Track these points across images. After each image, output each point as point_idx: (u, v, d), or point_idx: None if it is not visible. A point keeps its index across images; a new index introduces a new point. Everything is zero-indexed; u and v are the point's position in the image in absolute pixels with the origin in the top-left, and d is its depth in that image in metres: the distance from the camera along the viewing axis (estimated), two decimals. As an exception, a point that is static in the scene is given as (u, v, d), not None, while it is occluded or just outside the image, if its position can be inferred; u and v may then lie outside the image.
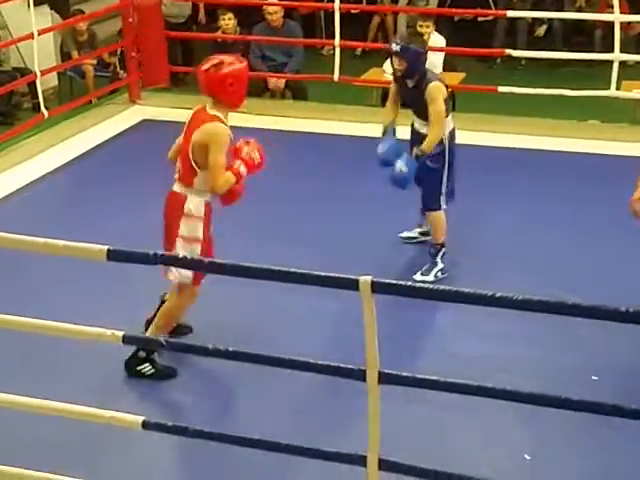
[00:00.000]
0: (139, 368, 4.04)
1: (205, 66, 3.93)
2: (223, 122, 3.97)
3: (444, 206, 4.85)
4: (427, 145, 4.65)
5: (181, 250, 3.94)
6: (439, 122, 4.64)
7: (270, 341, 4.24)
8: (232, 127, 7.06)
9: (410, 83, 4.74)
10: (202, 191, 4.00)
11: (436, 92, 4.63)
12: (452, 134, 4.83)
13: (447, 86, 4.80)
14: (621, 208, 5.63)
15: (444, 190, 4.81)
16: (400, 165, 4.62)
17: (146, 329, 4.12)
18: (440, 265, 4.85)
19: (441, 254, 4.87)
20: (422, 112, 4.73)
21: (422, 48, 4.74)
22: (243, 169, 3.95)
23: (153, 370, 4.03)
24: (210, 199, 4.06)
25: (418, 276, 4.78)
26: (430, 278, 4.78)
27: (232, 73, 3.92)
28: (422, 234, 5.21)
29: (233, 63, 3.96)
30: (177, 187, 4.06)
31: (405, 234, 5.24)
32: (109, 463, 3.57)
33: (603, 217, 5.52)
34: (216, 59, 3.95)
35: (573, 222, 5.48)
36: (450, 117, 4.80)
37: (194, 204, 4.00)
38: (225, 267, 2.79)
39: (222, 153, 3.91)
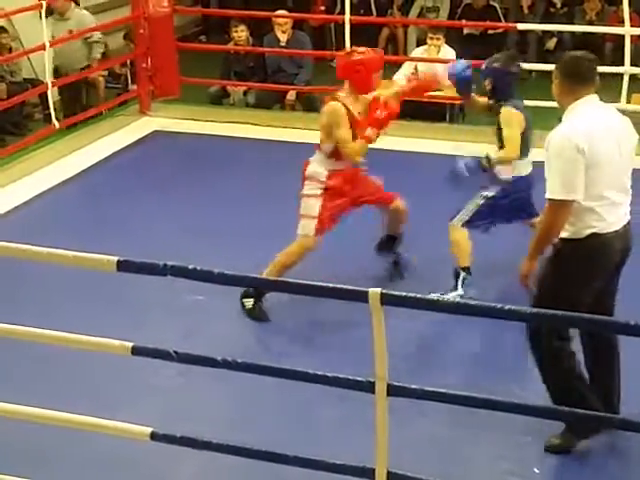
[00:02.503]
0: (244, 300, 4.54)
1: (341, 53, 4.63)
2: (341, 101, 4.48)
3: (461, 224, 4.67)
4: (495, 159, 4.52)
5: (301, 207, 4.61)
6: (511, 144, 4.50)
7: (278, 353, 4.25)
8: (243, 138, 7.08)
9: (492, 103, 4.68)
10: (323, 160, 4.58)
11: (509, 117, 4.53)
12: (519, 183, 4.62)
13: (526, 118, 4.59)
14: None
15: (473, 214, 4.67)
16: (463, 163, 4.48)
17: None
18: (459, 291, 4.66)
19: (461, 279, 4.68)
20: (497, 136, 4.64)
21: (506, 68, 4.58)
22: (370, 132, 4.45)
23: (251, 307, 4.53)
24: (336, 167, 4.58)
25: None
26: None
27: (361, 60, 4.42)
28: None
29: (365, 52, 4.49)
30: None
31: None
32: (118, 477, 3.57)
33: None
34: (352, 49, 4.56)
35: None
36: (525, 162, 4.61)
37: (314, 168, 4.59)
38: (233, 278, 2.80)
39: (342, 127, 4.45)
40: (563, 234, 3.38)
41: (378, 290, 2.59)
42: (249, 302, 4.55)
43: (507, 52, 4.62)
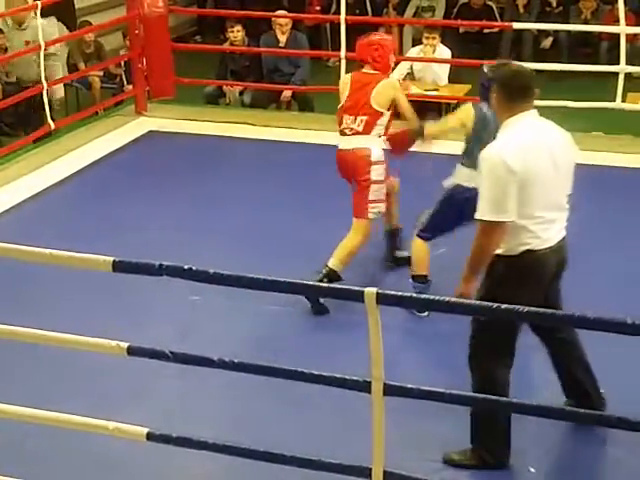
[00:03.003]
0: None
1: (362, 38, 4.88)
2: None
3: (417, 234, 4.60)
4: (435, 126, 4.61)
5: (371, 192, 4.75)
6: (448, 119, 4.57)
7: (274, 352, 4.24)
8: (238, 138, 7.09)
9: None
10: (377, 142, 4.75)
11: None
12: (460, 194, 4.39)
13: (478, 117, 4.37)
14: (626, 220, 5.66)
15: (427, 223, 4.57)
16: None
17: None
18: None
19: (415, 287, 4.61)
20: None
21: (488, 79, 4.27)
22: None
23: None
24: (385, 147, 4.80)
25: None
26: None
27: (378, 41, 4.81)
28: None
29: (381, 34, 5.09)
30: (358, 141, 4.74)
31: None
32: (115, 477, 3.57)
33: (605, 228, 5.52)
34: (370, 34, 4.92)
35: (574, 233, 5.46)
36: (464, 171, 4.40)
37: (378, 152, 4.74)
38: (229, 278, 2.80)
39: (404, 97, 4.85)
40: (497, 251, 3.33)
41: (374, 290, 2.59)
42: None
43: (502, 61, 4.49)
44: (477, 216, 3.26)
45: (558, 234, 3.41)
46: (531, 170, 3.21)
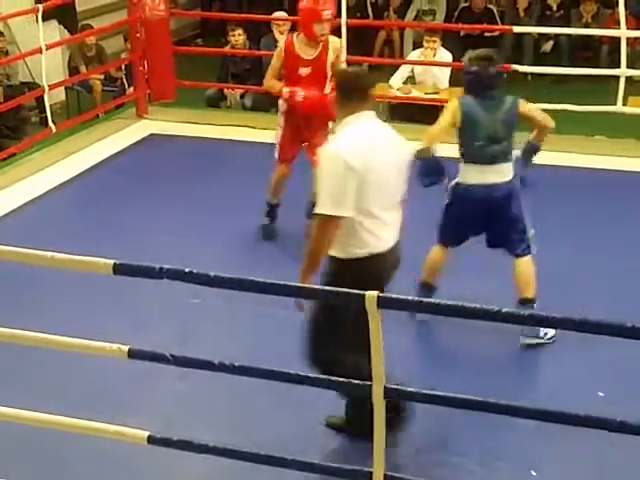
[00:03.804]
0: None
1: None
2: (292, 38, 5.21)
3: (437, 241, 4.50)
4: (422, 144, 4.29)
5: None
6: (429, 130, 4.36)
7: (274, 355, 4.24)
8: (239, 141, 7.08)
9: None
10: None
11: (447, 105, 4.37)
12: (462, 193, 4.33)
13: (465, 111, 4.24)
14: (626, 224, 5.66)
15: (439, 226, 4.47)
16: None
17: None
18: None
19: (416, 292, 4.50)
20: None
21: (467, 68, 4.28)
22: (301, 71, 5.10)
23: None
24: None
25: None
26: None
27: (301, 7, 5.15)
28: None
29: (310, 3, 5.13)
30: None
31: None
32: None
33: (607, 232, 5.52)
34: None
35: (576, 237, 5.47)
36: (472, 168, 4.30)
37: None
38: (229, 281, 2.80)
39: (274, 59, 5.23)
40: (336, 253, 3.35)
41: (375, 293, 2.59)
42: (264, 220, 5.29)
43: (481, 50, 4.40)
44: (315, 210, 3.31)
45: (395, 236, 3.47)
46: (369, 168, 3.28)
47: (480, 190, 4.30)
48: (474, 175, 4.30)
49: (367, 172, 3.27)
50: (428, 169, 4.33)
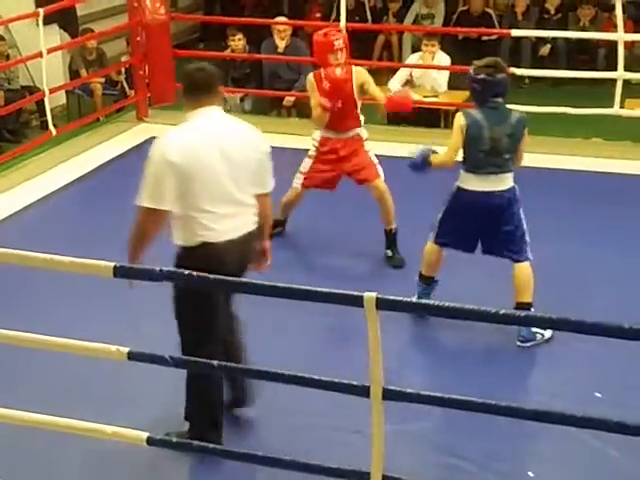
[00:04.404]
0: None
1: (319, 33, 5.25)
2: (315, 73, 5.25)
3: (431, 239, 4.54)
4: (434, 160, 4.42)
5: None
6: (447, 149, 4.39)
7: (276, 356, 4.26)
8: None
9: None
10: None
11: (454, 121, 4.39)
12: (460, 196, 4.38)
13: (472, 130, 4.27)
14: (624, 226, 5.67)
15: (437, 226, 4.52)
16: (419, 150, 4.44)
17: None
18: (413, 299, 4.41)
19: (417, 286, 4.61)
20: None
21: (473, 75, 4.30)
22: (322, 100, 5.13)
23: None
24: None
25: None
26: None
27: (315, 41, 5.23)
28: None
29: (331, 34, 5.20)
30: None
31: None
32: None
33: (605, 234, 5.54)
34: (328, 30, 5.32)
35: (574, 240, 5.49)
36: (471, 176, 4.34)
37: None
38: (228, 283, 2.82)
39: (312, 95, 5.24)
40: (178, 240, 3.44)
41: (373, 294, 2.61)
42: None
43: (488, 59, 4.43)
44: (136, 202, 3.39)
45: (242, 228, 3.47)
46: (193, 163, 3.30)
47: (480, 196, 4.35)
48: (475, 182, 4.35)
49: (190, 167, 3.29)
50: (415, 167, 4.48)
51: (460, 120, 4.32)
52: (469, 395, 2.83)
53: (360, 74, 5.21)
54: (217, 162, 3.35)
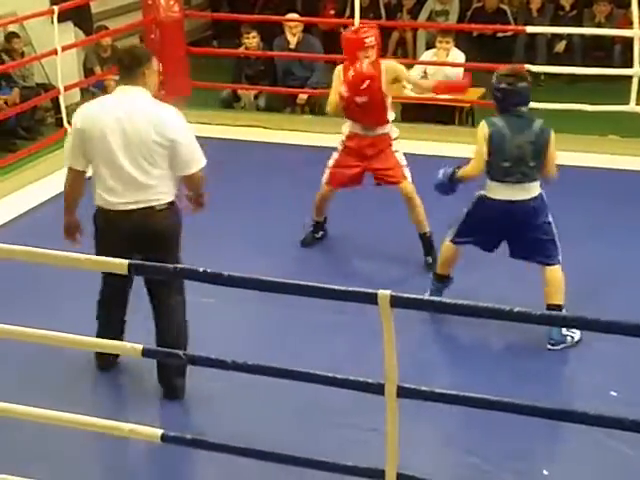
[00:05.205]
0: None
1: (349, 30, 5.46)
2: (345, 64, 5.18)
3: (449, 238, 4.58)
4: (460, 173, 4.44)
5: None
6: (473, 160, 4.39)
7: (287, 354, 4.26)
8: (253, 142, 7.07)
9: None
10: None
11: (477, 131, 4.40)
12: (483, 204, 4.39)
13: (495, 139, 4.29)
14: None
15: (457, 227, 4.55)
16: (442, 171, 4.49)
17: None
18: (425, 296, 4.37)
19: (430, 283, 4.64)
20: None
21: (496, 84, 4.32)
22: (342, 89, 5.11)
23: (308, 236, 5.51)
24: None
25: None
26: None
27: (343, 37, 5.28)
28: None
29: (361, 31, 5.21)
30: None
31: None
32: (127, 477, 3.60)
33: (623, 232, 5.51)
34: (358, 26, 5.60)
35: (592, 237, 5.47)
36: (495, 185, 4.35)
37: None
38: (245, 281, 2.81)
39: (333, 86, 5.27)
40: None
41: (387, 292, 2.60)
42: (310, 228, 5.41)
43: (510, 67, 4.43)
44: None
45: (132, 205, 3.79)
46: (89, 128, 3.73)
47: (505, 205, 4.35)
48: (500, 191, 4.35)
49: (87, 132, 3.73)
50: (442, 189, 4.50)
51: (484, 129, 4.32)
52: (484, 393, 2.82)
53: (390, 68, 5.14)
54: (110, 134, 3.70)
